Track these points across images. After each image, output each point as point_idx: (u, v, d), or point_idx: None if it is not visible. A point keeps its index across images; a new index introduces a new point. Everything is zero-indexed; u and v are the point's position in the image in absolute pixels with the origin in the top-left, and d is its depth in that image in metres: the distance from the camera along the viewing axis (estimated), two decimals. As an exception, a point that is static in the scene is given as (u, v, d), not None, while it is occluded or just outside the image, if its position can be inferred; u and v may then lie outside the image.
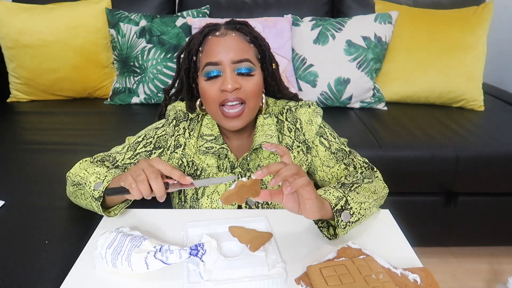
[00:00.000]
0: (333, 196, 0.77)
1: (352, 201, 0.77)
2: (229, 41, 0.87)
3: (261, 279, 0.66)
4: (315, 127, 0.96)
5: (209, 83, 0.88)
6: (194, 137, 0.96)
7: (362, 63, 1.86)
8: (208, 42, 0.89)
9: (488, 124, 1.78)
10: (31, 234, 0.93)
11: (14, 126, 1.70)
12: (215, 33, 0.89)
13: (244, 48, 0.88)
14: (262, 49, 0.93)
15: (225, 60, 0.86)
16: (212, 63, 0.86)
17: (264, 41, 0.94)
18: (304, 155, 0.96)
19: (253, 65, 0.88)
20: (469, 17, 1.92)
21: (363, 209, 0.79)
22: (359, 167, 0.95)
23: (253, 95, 0.89)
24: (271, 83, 0.98)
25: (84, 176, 0.86)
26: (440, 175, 1.59)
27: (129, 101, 1.93)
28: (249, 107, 0.89)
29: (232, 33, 0.89)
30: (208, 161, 0.94)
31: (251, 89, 0.88)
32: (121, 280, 0.68)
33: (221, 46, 0.86)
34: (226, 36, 0.88)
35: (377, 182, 0.90)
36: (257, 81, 0.89)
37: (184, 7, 2.05)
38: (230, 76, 0.85)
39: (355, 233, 0.81)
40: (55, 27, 1.85)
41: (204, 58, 0.88)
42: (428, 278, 0.66)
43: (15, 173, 1.26)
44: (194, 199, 0.94)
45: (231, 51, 0.86)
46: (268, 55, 0.94)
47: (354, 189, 0.82)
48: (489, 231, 1.72)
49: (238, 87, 0.86)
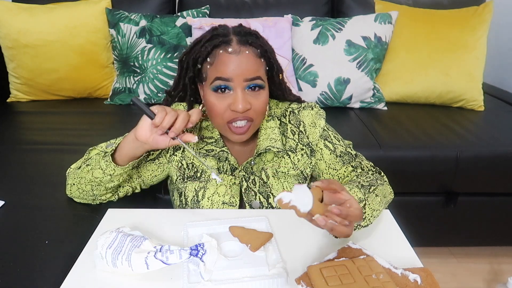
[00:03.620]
0: (356, 197, 0.77)
1: (368, 206, 0.78)
2: (242, 59, 0.83)
3: (261, 279, 0.66)
4: (319, 129, 0.96)
5: (218, 98, 0.85)
6: None
7: (362, 63, 1.86)
8: (219, 56, 0.84)
9: (488, 124, 1.78)
10: (31, 234, 0.93)
11: (14, 126, 1.70)
12: (227, 48, 0.84)
13: (256, 65, 0.85)
14: (271, 61, 0.90)
15: (237, 79, 0.83)
16: (223, 79, 0.83)
17: (272, 52, 0.91)
18: (308, 158, 0.96)
19: (263, 81, 0.87)
20: (469, 17, 1.92)
21: (373, 217, 0.80)
22: (367, 170, 0.95)
23: (261, 113, 0.88)
24: (277, 92, 0.97)
25: (91, 153, 0.92)
26: (440, 175, 1.59)
27: (129, 101, 1.93)
28: (254, 124, 0.88)
29: (245, 50, 0.84)
30: (208, 163, 0.94)
31: (260, 107, 0.86)
32: (121, 280, 0.68)
33: (234, 64, 0.83)
34: (240, 54, 0.83)
35: (386, 187, 0.90)
36: (265, 98, 0.87)
37: (184, 7, 2.05)
38: (241, 96, 0.83)
39: (355, 233, 0.80)
40: (55, 27, 1.85)
41: (214, 71, 0.85)
42: (429, 278, 0.66)
43: (15, 173, 1.26)
44: (195, 201, 0.94)
45: (244, 70, 0.83)
46: (276, 67, 0.92)
47: (372, 190, 0.82)
48: (489, 231, 1.72)
49: (248, 108, 0.84)
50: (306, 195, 0.62)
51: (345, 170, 0.95)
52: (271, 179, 0.94)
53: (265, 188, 0.94)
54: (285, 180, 0.94)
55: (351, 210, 0.65)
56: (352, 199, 0.67)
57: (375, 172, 0.95)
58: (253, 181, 0.94)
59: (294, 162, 0.95)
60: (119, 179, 0.89)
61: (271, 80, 0.93)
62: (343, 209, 0.64)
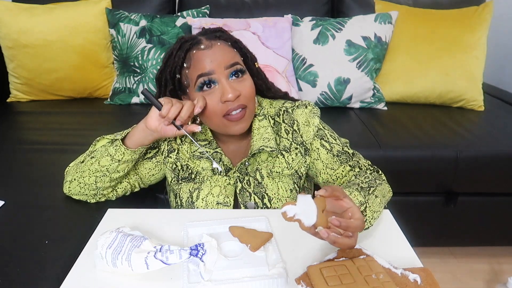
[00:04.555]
0: (357, 200, 0.78)
1: (369, 209, 0.78)
2: (216, 51, 0.86)
3: (261, 279, 0.66)
4: (313, 128, 0.95)
5: (206, 96, 0.86)
6: (186, 143, 0.96)
7: (362, 63, 1.86)
8: (194, 56, 0.86)
9: (488, 124, 1.78)
10: (31, 234, 0.93)
11: (14, 126, 1.71)
12: (199, 46, 0.86)
13: (231, 53, 0.88)
14: (243, 51, 0.93)
15: (217, 68, 0.85)
16: (205, 74, 0.85)
17: (241, 42, 0.94)
18: (303, 157, 0.96)
19: (243, 66, 0.88)
20: (469, 17, 1.92)
21: (374, 219, 0.80)
22: (365, 169, 0.95)
23: (251, 97, 0.89)
24: (258, 82, 0.97)
25: (97, 145, 0.95)
26: (440, 175, 1.59)
27: (129, 101, 1.93)
28: (249, 110, 0.88)
29: (216, 42, 0.87)
30: (203, 165, 0.95)
31: (248, 92, 0.87)
32: (121, 280, 0.68)
33: (210, 57, 0.85)
34: (213, 47, 0.86)
35: (384, 186, 0.90)
36: (250, 83, 0.89)
37: (184, 7, 2.05)
38: (228, 85, 0.84)
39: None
40: (55, 27, 1.85)
41: (194, 72, 0.86)
42: (429, 278, 0.66)
43: (15, 173, 1.26)
44: (189, 203, 0.94)
45: (221, 58, 0.85)
46: (249, 55, 0.94)
47: (372, 192, 0.82)
48: (489, 231, 1.72)
49: (238, 94, 0.85)
50: (310, 208, 0.62)
51: (342, 170, 0.95)
52: (265, 179, 0.94)
53: (260, 189, 0.93)
54: (279, 180, 0.94)
55: (352, 221, 0.64)
56: (354, 207, 0.66)
57: (373, 171, 0.95)
58: (247, 182, 0.94)
59: (288, 162, 0.94)
60: (125, 168, 0.92)
61: (249, 69, 0.93)
62: (343, 220, 0.63)
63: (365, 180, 0.87)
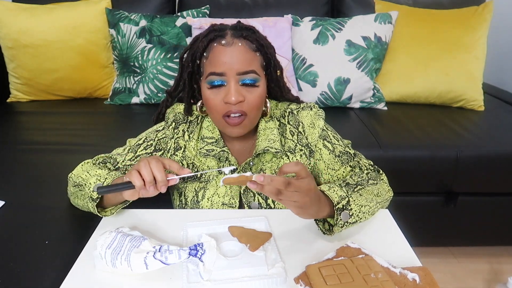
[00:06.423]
0: (336, 195, 0.76)
1: (354, 203, 0.78)
2: (235, 52, 0.84)
3: (260, 278, 0.66)
4: (318, 130, 0.95)
5: (213, 93, 0.86)
6: (194, 140, 0.96)
7: (362, 63, 1.86)
8: (213, 49, 0.86)
9: (488, 124, 1.78)
10: (31, 234, 0.93)
11: (14, 126, 1.71)
12: (221, 40, 0.85)
13: (250, 58, 0.86)
14: (268, 56, 0.90)
15: (229, 72, 0.84)
16: (216, 74, 0.85)
17: (270, 48, 0.92)
18: (307, 159, 0.96)
19: (258, 75, 0.87)
20: (469, 17, 1.92)
21: (362, 213, 0.79)
22: (365, 169, 0.95)
23: (255, 108, 0.88)
24: (274, 89, 0.97)
25: (85, 178, 0.87)
26: (440, 175, 1.59)
27: (129, 101, 1.93)
28: (249, 118, 0.88)
29: (238, 42, 0.85)
30: (209, 163, 0.95)
31: (254, 101, 0.87)
32: (121, 280, 0.68)
33: (227, 57, 0.84)
34: (232, 46, 0.85)
35: (382, 185, 0.90)
36: (260, 93, 0.88)
37: (184, 7, 2.05)
38: (234, 89, 0.84)
39: (354, 233, 0.81)
40: (55, 27, 1.85)
41: (208, 66, 0.86)
42: (427, 277, 0.66)
43: (15, 173, 1.26)
44: (194, 202, 0.94)
45: (236, 62, 0.84)
46: (273, 62, 0.92)
47: (357, 190, 0.82)
48: (489, 231, 1.72)
49: (241, 100, 0.84)
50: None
51: (343, 171, 0.95)
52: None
53: None
54: None
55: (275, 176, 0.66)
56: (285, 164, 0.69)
57: (373, 171, 0.95)
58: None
59: None
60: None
61: (268, 76, 0.93)
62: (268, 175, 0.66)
63: (357, 179, 0.87)
